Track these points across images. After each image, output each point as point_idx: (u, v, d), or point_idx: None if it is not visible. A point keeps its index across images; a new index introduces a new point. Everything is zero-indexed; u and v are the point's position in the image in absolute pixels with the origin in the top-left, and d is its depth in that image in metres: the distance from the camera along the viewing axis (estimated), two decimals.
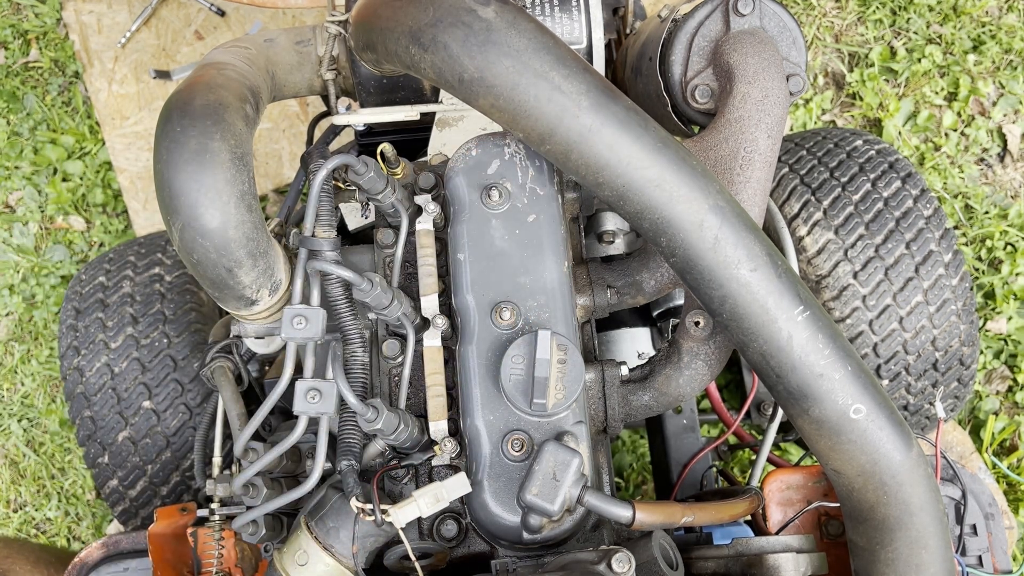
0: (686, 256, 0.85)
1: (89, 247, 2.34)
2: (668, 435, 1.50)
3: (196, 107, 0.91)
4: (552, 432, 0.91)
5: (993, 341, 2.16)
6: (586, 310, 1.09)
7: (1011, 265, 2.18)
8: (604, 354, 1.62)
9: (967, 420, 2.11)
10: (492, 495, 0.90)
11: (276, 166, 2.26)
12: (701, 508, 0.92)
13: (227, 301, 0.99)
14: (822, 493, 1.08)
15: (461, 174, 0.99)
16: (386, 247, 1.08)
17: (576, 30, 1.28)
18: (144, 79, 2.28)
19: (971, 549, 1.09)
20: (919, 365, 1.46)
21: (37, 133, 2.39)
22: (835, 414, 0.84)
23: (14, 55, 2.44)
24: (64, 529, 2.19)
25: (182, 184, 0.88)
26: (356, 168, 0.97)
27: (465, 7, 0.84)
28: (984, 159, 2.33)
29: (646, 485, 2.07)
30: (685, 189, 0.84)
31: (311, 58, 1.24)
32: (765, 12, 1.04)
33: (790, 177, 1.55)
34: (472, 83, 0.84)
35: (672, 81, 1.08)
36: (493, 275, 0.96)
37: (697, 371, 1.03)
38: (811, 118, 2.34)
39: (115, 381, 1.50)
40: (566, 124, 0.83)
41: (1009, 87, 2.34)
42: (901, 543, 0.86)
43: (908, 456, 0.85)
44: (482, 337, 0.94)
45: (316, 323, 0.93)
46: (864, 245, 1.44)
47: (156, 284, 1.57)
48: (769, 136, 0.99)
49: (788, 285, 0.84)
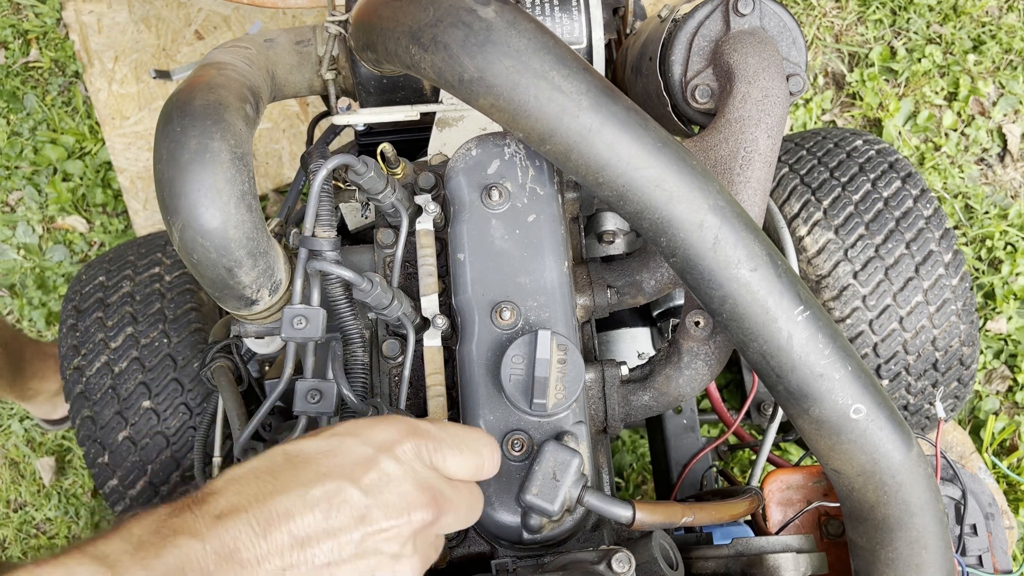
0: (686, 256, 0.85)
1: (89, 247, 2.34)
2: (668, 435, 1.50)
3: (196, 107, 0.91)
4: (552, 432, 0.91)
5: (993, 341, 2.16)
6: (586, 310, 1.09)
7: (1011, 265, 2.18)
8: (604, 354, 1.62)
9: (967, 420, 2.11)
10: (492, 495, 0.90)
11: (276, 166, 2.26)
12: (701, 508, 0.92)
13: (227, 301, 0.99)
14: (822, 493, 1.08)
15: (461, 174, 0.99)
16: (386, 247, 1.08)
17: (576, 30, 1.28)
18: (144, 79, 2.28)
19: (971, 549, 1.09)
20: (919, 365, 1.46)
21: (37, 133, 2.39)
22: (835, 414, 0.84)
23: (14, 55, 2.44)
24: (64, 529, 2.19)
25: (182, 184, 0.88)
26: (356, 168, 0.97)
27: (465, 7, 0.84)
28: (984, 159, 2.33)
29: (646, 485, 2.07)
30: (685, 189, 0.84)
31: (311, 58, 1.24)
32: (765, 12, 1.04)
33: (790, 177, 1.55)
34: (472, 83, 0.84)
35: (672, 81, 1.08)
36: (493, 275, 0.96)
37: (697, 371, 1.03)
38: (811, 118, 2.34)
39: (115, 381, 1.49)
40: (566, 124, 0.83)
41: (1009, 87, 2.34)
42: (901, 543, 0.86)
43: (908, 456, 0.85)
44: (482, 337, 0.94)
45: (316, 323, 0.93)
46: (864, 245, 1.44)
47: (156, 284, 1.57)
48: (769, 136, 0.99)
49: (788, 285, 0.84)
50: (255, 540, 0.61)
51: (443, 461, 0.71)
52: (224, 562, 0.60)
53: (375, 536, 0.65)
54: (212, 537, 0.60)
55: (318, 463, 0.66)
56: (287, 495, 0.63)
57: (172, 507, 0.63)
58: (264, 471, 0.66)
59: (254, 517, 0.62)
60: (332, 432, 0.70)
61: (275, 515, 0.62)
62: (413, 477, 0.68)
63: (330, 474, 0.65)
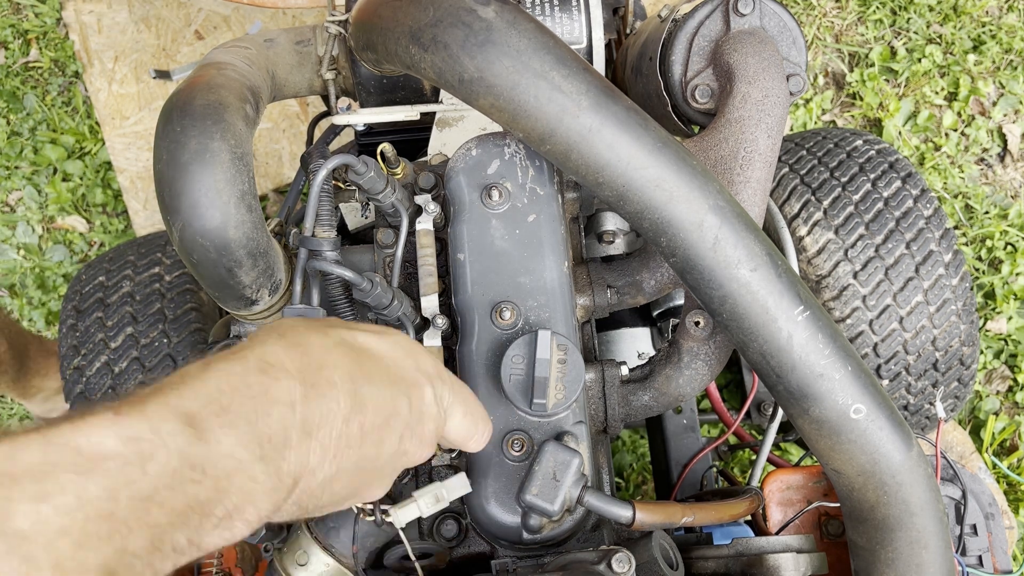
0: (686, 256, 0.85)
1: (89, 247, 2.34)
2: (668, 435, 1.50)
3: (196, 107, 0.91)
4: (552, 432, 0.91)
5: (993, 341, 2.16)
6: (586, 310, 1.09)
7: (1011, 265, 2.18)
8: (604, 354, 1.62)
9: (967, 420, 2.11)
10: (492, 495, 0.90)
11: (276, 166, 2.26)
12: (701, 508, 0.92)
13: (227, 301, 0.99)
14: (822, 493, 1.08)
15: (461, 174, 0.99)
16: (386, 247, 1.08)
17: (576, 30, 1.28)
18: (144, 79, 2.28)
19: (971, 549, 1.09)
20: (919, 365, 1.46)
21: (37, 133, 2.39)
22: (835, 414, 0.84)
23: (14, 55, 2.44)
24: None
25: (182, 184, 0.88)
26: (356, 168, 0.97)
27: (465, 7, 0.84)
28: (984, 159, 2.33)
29: (646, 485, 2.07)
30: (685, 189, 0.84)
31: (311, 58, 1.24)
32: (765, 12, 1.04)
33: (790, 177, 1.55)
34: (472, 83, 0.84)
35: (672, 81, 1.08)
36: (493, 275, 0.96)
37: (697, 371, 1.03)
38: (811, 118, 2.34)
39: (115, 381, 1.49)
40: (566, 124, 0.83)
41: (1009, 87, 2.34)
42: (901, 543, 0.86)
43: (908, 456, 0.85)
44: (482, 337, 0.94)
45: None
46: (864, 245, 1.44)
47: (156, 284, 1.57)
48: (769, 136, 0.99)
49: (788, 285, 0.84)
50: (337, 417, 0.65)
51: (453, 414, 0.79)
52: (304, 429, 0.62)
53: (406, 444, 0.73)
54: (303, 407, 0.62)
55: (387, 367, 0.72)
56: (371, 384, 0.68)
57: (255, 363, 0.62)
58: (345, 355, 0.69)
59: (342, 393, 0.65)
60: (394, 340, 0.75)
61: (361, 401, 0.66)
62: (437, 421, 0.76)
63: (397, 382, 0.71)
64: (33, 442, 0.49)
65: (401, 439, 0.71)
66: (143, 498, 0.50)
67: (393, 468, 0.74)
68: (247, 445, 0.57)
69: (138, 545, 0.50)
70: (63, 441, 0.49)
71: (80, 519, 0.47)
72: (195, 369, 0.60)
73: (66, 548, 0.46)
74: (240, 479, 0.56)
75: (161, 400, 0.55)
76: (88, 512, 0.47)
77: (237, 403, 0.58)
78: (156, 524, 0.51)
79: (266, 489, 0.58)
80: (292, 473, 0.61)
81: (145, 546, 0.50)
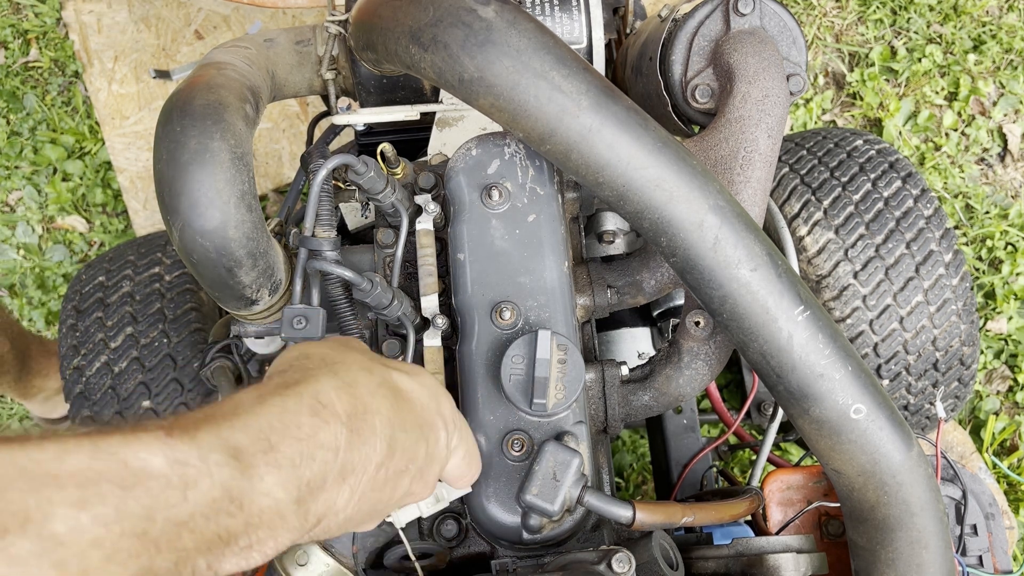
0: (686, 256, 0.85)
1: (89, 247, 2.34)
2: (668, 435, 1.50)
3: (196, 107, 0.91)
4: (552, 432, 0.91)
5: (993, 341, 2.16)
6: (586, 310, 1.09)
7: (1011, 265, 2.18)
8: (604, 354, 1.62)
9: (967, 420, 2.11)
10: (492, 495, 0.89)
11: (276, 166, 2.26)
12: (701, 508, 0.92)
13: (227, 301, 0.99)
14: (822, 493, 1.08)
15: (461, 174, 0.99)
16: (386, 247, 1.08)
17: (576, 30, 1.28)
18: (144, 79, 2.28)
19: (971, 549, 1.09)
20: (919, 365, 1.46)
21: (37, 133, 2.38)
22: (835, 414, 0.84)
23: (14, 55, 2.44)
24: None
25: (182, 184, 0.88)
26: (356, 168, 0.97)
27: (465, 7, 0.84)
28: (984, 159, 2.33)
29: (646, 485, 2.07)
30: (685, 189, 0.84)
31: (311, 58, 1.24)
32: (765, 12, 1.04)
33: (790, 177, 1.54)
34: (472, 83, 0.84)
35: (672, 81, 1.08)
36: (493, 275, 0.96)
37: (697, 371, 1.03)
38: (811, 118, 2.34)
39: (115, 381, 1.49)
40: (566, 124, 0.83)
41: (1009, 87, 2.34)
42: (902, 543, 0.86)
43: (908, 456, 0.84)
44: (482, 337, 0.94)
45: (316, 323, 0.93)
46: (864, 245, 1.44)
47: (156, 284, 1.57)
48: (769, 136, 0.99)
49: (788, 285, 0.84)
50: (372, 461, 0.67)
51: (455, 455, 0.81)
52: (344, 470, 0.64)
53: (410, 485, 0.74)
54: (346, 454, 0.63)
55: (417, 413, 0.74)
56: (404, 431, 0.70)
57: (308, 403, 0.63)
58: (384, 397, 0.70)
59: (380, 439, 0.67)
60: (422, 381, 0.77)
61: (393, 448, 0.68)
62: (442, 464, 0.78)
63: (422, 426, 0.74)
64: (83, 447, 0.49)
65: (412, 481, 0.73)
66: (178, 523, 0.51)
67: (396, 506, 0.76)
68: (286, 486, 0.58)
69: (162, 567, 0.50)
70: (112, 451, 0.50)
71: (115, 533, 0.47)
72: (249, 401, 0.61)
73: (96, 560, 0.46)
74: (270, 516, 0.57)
75: (213, 429, 0.56)
76: (124, 527, 0.48)
77: (286, 444, 0.59)
78: (184, 548, 0.51)
79: (291, 527, 0.59)
80: (318, 513, 0.62)
81: (168, 568, 0.51)
